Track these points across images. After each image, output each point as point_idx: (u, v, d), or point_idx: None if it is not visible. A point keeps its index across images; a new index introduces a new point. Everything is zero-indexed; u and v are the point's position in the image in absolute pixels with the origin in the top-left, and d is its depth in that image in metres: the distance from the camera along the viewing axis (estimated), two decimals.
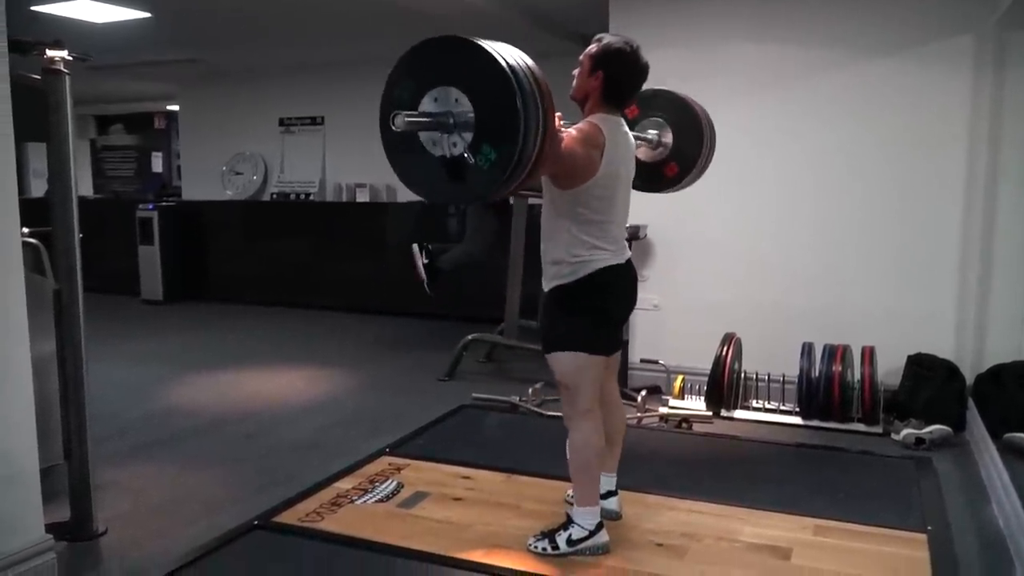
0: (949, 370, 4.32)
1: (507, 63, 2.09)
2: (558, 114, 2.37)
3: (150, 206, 8.72)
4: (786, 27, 4.71)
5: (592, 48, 2.69)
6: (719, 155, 4.80)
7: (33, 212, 2.89)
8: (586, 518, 2.75)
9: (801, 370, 4.40)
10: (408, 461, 3.71)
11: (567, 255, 2.67)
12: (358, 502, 3.24)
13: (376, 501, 3.25)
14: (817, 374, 4.36)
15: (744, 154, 4.84)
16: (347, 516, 3.10)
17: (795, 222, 4.78)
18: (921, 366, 4.37)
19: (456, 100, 2.14)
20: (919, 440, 4.03)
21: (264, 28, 6.56)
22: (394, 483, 3.43)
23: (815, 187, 4.73)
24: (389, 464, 3.67)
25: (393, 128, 2.09)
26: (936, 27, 4.41)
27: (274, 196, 9.07)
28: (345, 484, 3.42)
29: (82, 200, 10.53)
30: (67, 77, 2.83)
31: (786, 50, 4.72)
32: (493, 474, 3.51)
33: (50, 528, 2.67)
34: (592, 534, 2.74)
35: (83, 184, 12.74)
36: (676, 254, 5.05)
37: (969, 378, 4.35)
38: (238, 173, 9.30)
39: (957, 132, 4.41)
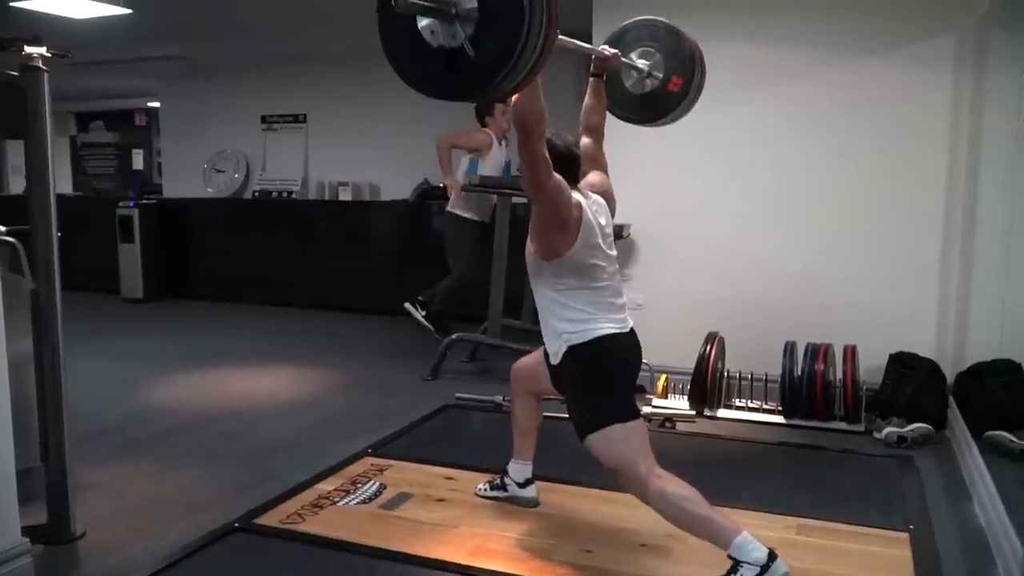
0: (931, 368, 4.34)
1: None
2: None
3: (130, 204, 8.64)
4: (777, 27, 4.71)
5: None
6: (704, 152, 4.86)
7: (12, 209, 2.85)
8: (744, 551, 2.40)
9: (784, 369, 4.41)
10: (391, 462, 3.69)
11: (567, 321, 2.60)
12: (340, 503, 3.22)
13: (358, 502, 3.23)
14: (800, 373, 4.37)
15: (728, 153, 4.86)
16: (329, 518, 3.08)
17: (778, 221, 4.79)
18: (903, 364, 4.40)
19: None
20: (901, 439, 4.05)
21: (245, 23, 6.51)
22: (377, 484, 3.41)
23: (798, 186, 4.74)
24: (372, 465, 3.65)
25: (395, 7, 1.97)
26: (920, 27, 4.43)
27: (256, 194, 9.01)
28: (327, 485, 3.40)
29: (62, 198, 10.45)
30: (45, 74, 2.79)
31: (776, 50, 4.72)
32: (477, 475, 3.49)
33: (27, 531, 2.64)
34: (766, 568, 2.39)
35: (63, 181, 12.62)
36: (660, 253, 5.05)
37: (950, 376, 4.38)
38: (220, 171, 9.23)
39: (939, 131, 4.43)
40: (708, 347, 4.55)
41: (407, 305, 5.72)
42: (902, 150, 4.52)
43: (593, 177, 2.87)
